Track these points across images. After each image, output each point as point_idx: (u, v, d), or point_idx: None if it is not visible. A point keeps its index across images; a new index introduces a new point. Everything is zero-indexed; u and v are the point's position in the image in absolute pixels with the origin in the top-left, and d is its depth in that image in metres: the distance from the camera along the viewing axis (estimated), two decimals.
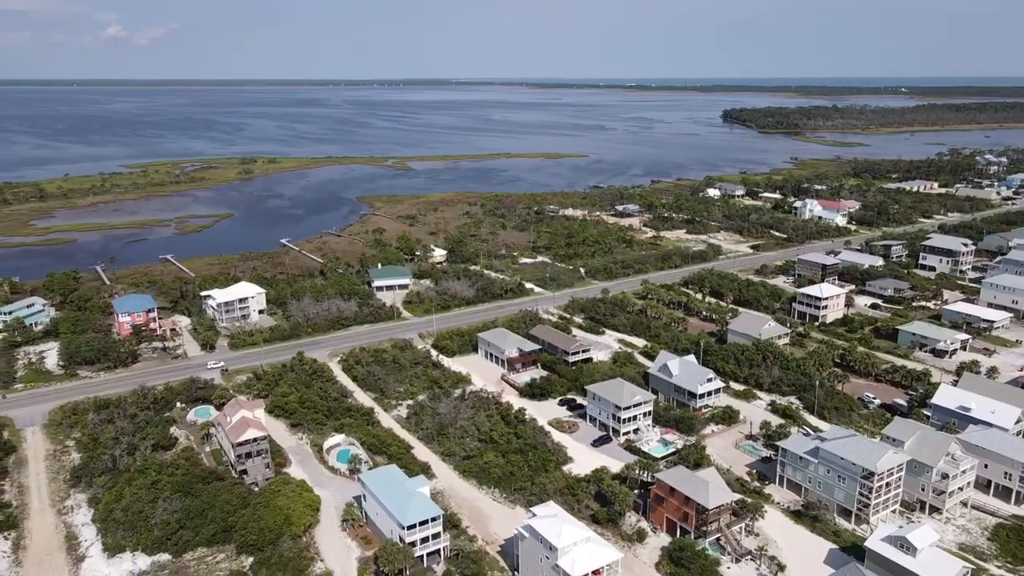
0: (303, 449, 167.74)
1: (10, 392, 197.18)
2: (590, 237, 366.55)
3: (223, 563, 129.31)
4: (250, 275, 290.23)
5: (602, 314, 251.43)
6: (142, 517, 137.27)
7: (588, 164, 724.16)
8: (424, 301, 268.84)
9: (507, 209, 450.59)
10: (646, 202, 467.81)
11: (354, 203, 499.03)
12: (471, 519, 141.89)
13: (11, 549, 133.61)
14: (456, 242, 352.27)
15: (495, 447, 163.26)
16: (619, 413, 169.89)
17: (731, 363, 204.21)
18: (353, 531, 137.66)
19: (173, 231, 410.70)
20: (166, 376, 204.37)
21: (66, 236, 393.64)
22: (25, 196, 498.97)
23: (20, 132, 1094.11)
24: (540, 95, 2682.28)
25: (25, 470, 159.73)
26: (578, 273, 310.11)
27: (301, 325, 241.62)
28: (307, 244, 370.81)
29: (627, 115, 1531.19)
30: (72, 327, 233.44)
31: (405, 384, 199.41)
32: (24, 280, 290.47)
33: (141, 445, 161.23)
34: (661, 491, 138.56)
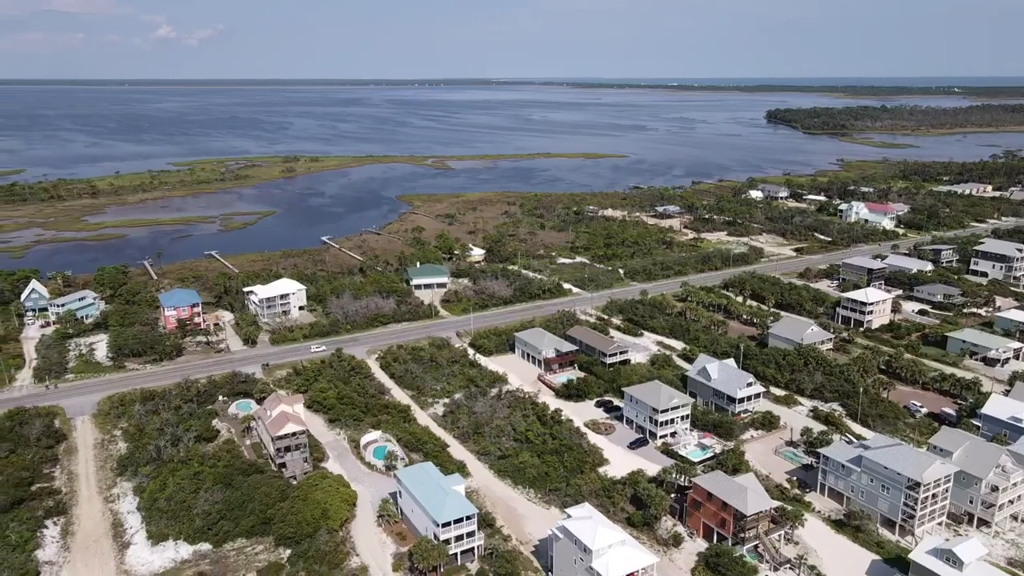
0: (340, 444, 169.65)
1: (62, 382, 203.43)
2: (629, 238, 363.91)
3: (262, 554, 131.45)
4: (291, 272, 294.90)
5: (640, 316, 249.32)
6: (184, 507, 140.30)
7: (628, 164, 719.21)
8: (462, 300, 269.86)
9: (546, 209, 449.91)
10: (687, 203, 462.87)
11: (394, 202, 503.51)
12: (505, 518, 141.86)
13: (60, 535, 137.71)
14: (494, 241, 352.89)
15: (530, 447, 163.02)
16: (656, 416, 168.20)
17: (772, 368, 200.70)
18: (388, 527, 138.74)
19: (218, 228, 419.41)
20: (209, 370, 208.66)
21: (116, 232, 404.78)
22: (78, 193, 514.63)
23: (74, 131, 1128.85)
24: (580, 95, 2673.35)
25: (75, 458, 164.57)
26: (617, 274, 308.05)
27: (340, 322, 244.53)
28: (347, 242, 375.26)
29: (669, 115, 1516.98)
30: (121, 320, 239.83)
31: (442, 382, 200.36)
32: (76, 274, 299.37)
33: (184, 436, 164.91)
34: (698, 496, 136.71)
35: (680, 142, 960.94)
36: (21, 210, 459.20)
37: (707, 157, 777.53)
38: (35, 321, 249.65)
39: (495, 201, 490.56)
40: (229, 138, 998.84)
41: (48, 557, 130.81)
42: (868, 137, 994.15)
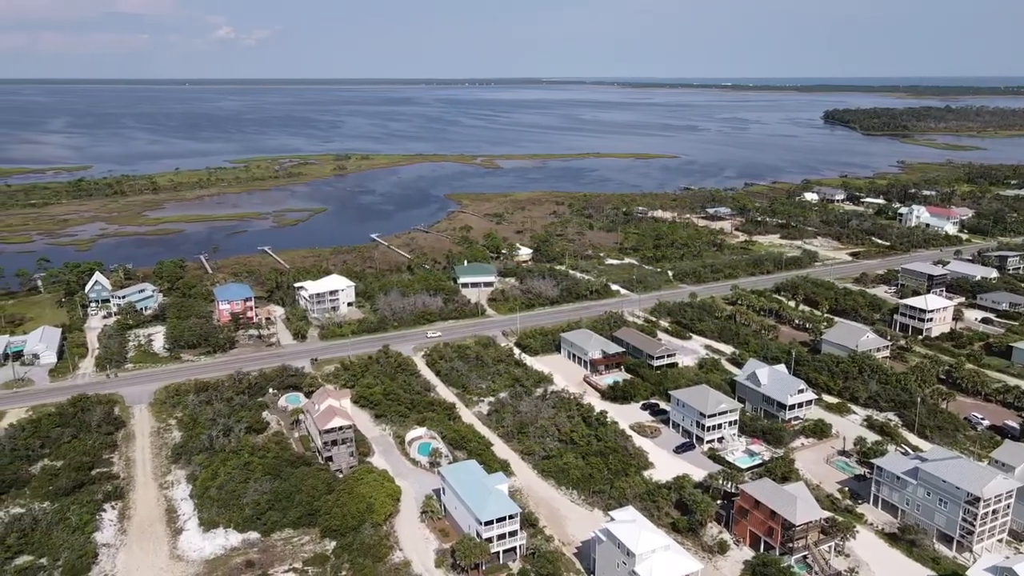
0: (386, 440, 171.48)
1: (121, 371, 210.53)
2: (679, 239, 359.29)
3: (308, 545, 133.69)
4: (341, 268, 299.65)
5: (689, 318, 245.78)
6: (235, 496, 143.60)
7: (679, 165, 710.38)
8: (508, 299, 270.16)
9: (595, 209, 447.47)
10: (739, 205, 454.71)
11: (442, 200, 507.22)
12: (548, 519, 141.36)
13: (117, 518, 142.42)
14: (542, 241, 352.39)
15: (575, 448, 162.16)
16: (703, 420, 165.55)
17: (824, 375, 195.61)
18: (432, 523, 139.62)
19: (271, 224, 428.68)
20: (260, 363, 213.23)
21: (175, 227, 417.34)
22: (140, 189, 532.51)
23: (137, 128, 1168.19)
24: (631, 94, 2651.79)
25: (132, 445, 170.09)
26: (665, 276, 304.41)
27: (388, 319, 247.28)
28: (396, 240, 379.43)
29: (722, 115, 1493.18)
30: (177, 313, 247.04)
31: (487, 381, 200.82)
32: (137, 267, 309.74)
33: (236, 427, 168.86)
34: (746, 503, 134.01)
35: (733, 143, 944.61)
36: (87, 205, 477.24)
37: (760, 158, 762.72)
38: (98, 312, 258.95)
39: (544, 201, 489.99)
40: (283, 136, 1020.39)
41: (106, 539, 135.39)
42: (931, 138, 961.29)
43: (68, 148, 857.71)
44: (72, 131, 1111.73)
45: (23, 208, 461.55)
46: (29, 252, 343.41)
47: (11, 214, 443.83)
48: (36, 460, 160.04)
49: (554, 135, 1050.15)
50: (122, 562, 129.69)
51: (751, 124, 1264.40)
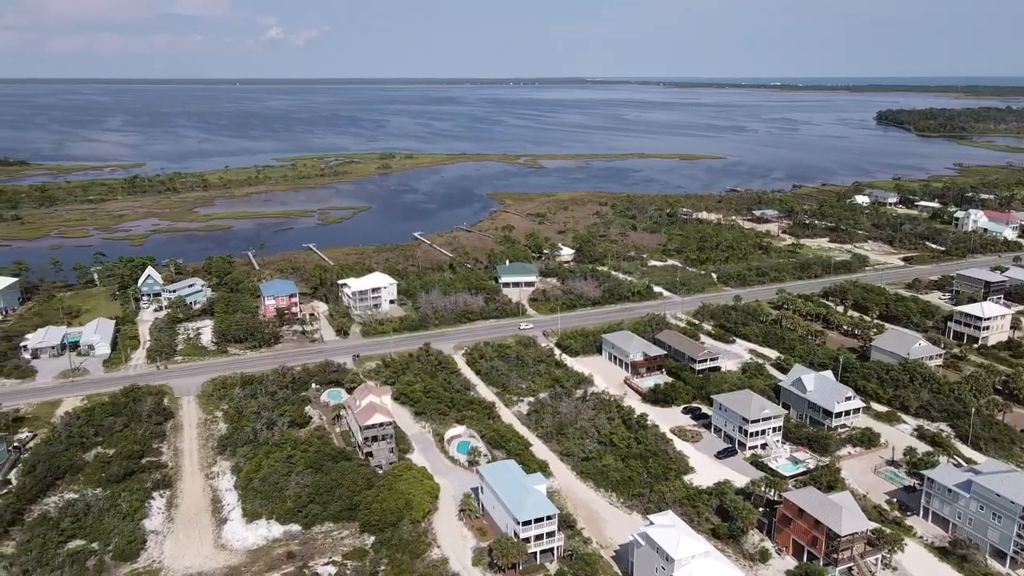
0: (425, 437, 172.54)
1: (171, 363, 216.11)
2: (724, 242, 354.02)
3: (347, 539, 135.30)
4: (383, 266, 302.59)
5: (733, 322, 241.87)
6: (277, 488, 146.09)
7: (725, 166, 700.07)
8: (550, 299, 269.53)
9: (638, 210, 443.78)
10: (786, 207, 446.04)
11: (485, 199, 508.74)
12: (586, 521, 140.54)
13: (165, 506, 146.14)
14: (585, 242, 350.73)
15: (614, 451, 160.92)
16: (746, 426, 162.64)
17: (873, 382, 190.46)
18: (469, 521, 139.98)
19: (316, 221, 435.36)
20: (304, 358, 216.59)
21: (223, 223, 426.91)
22: (191, 186, 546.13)
23: (190, 127, 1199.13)
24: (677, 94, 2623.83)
25: (180, 435, 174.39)
26: (709, 278, 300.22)
27: (429, 317, 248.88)
28: (438, 238, 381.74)
29: (770, 116, 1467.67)
30: (225, 307, 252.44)
31: (527, 381, 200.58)
32: (187, 262, 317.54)
33: (279, 421, 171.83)
34: (789, 511, 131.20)
35: (781, 144, 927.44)
36: (141, 201, 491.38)
37: (810, 160, 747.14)
38: (149, 305, 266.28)
39: (586, 201, 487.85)
40: (329, 135, 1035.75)
41: (154, 527, 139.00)
42: (990, 140, 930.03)
43: (124, 146, 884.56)
44: (128, 130, 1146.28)
45: (81, 204, 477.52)
46: (86, 246, 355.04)
47: (70, 209, 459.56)
48: (90, 448, 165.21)
49: (598, 135, 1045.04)
50: (169, 549, 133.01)
51: (801, 125, 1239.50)
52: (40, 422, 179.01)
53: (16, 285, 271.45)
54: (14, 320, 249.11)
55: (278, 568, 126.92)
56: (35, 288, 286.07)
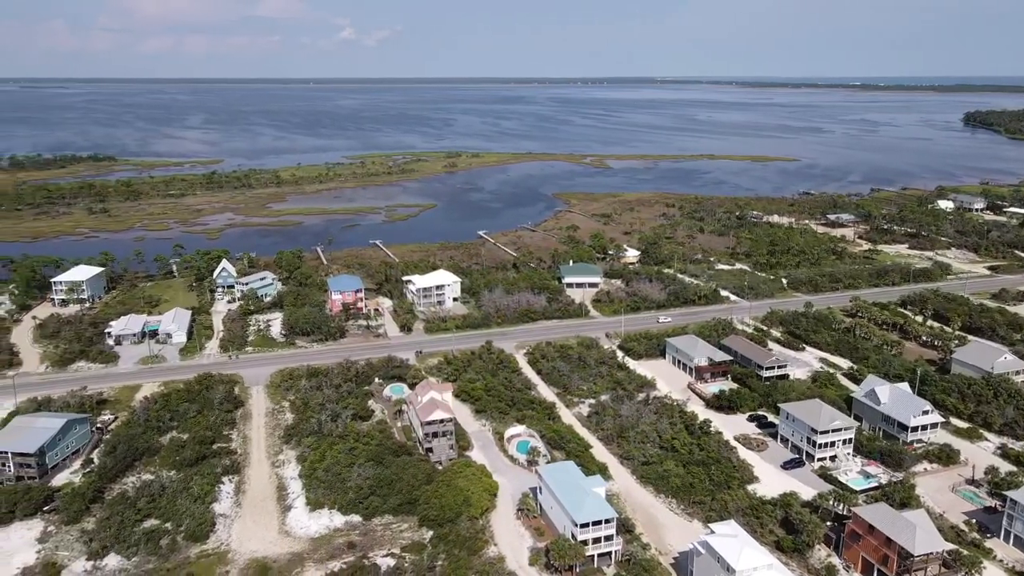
0: (485, 435, 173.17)
1: (242, 354, 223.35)
2: (796, 246, 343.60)
3: (406, 532, 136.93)
4: (448, 264, 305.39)
5: (803, 329, 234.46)
6: (340, 479, 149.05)
7: (799, 169, 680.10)
8: (613, 301, 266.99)
9: (706, 212, 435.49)
10: (863, 211, 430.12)
11: (550, 199, 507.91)
12: (645, 526, 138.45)
13: (234, 491, 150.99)
14: (650, 243, 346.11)
15: (676, 456, 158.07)
16: (815, 437, 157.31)
17: (954, 396, 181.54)
18: (527, 520, 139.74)
19: (383, 218, 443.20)
20: (368, 353, 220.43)
21: (294, 219, 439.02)
22: (265, 182, 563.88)
23: (264, 125, 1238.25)
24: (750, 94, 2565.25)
25: (250, 423, 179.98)
26: (779, 283, 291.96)
27: (492, 315, 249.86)
28: (502, 237, 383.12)
29: (848, 117, 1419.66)
30: (294, 301, 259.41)
31: (589, 382, 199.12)
32: (259, 256, 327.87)
33: (343, 413, 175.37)
34: (858, 527, 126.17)
35: (859, 146, 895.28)
36: (218, 196, 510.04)
37: (890, 163, 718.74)
38: (223, 297, 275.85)
39: (653, 202, 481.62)
40: (398, 133, 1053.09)
41: (223, 510, 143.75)
42: None
43: (204, 143, 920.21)
44: (208, 128, 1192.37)
45: (163, 198, 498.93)
46: (167, 239, 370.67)
47: (153, 203, 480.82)
48: (165, 432, 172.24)
49: (666, 135, 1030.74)
50: (236, 532, 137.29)
51: (881, 126, 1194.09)
52: (121, 405, 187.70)
53: (103, 274, 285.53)
54: (100, 308, 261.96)
55: (339, 557, 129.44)
56: (119, 278, 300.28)
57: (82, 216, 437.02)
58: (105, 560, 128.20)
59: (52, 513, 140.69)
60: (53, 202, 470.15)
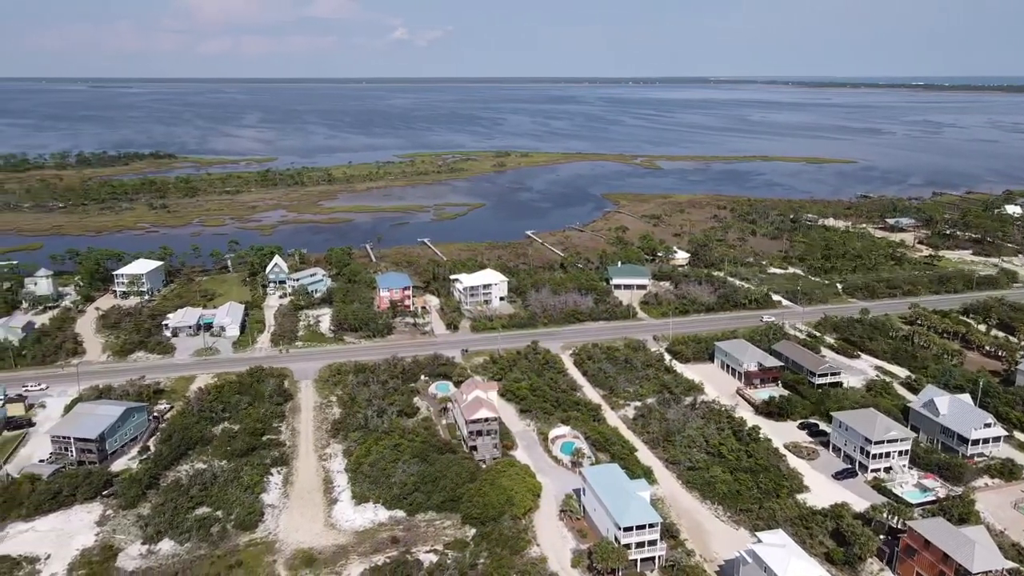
0: (529, 435, 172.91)
1: (292, 348, 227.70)
2: (852, 250, 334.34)
3: (449, 530, 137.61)
4: (495, 263, 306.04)
5: (858, 336, 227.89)
6: (384, 474, 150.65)
7: (856, 171, 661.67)
8: (661, 303, 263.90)
9: (759, 215, 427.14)
10: (924, 216, 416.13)
11: (599, 199, 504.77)
12: (690, 532, 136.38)
13: (282, 483, 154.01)
14: (701, 245, 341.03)
15: (723, 462, 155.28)
16: (869, 447, 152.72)
17: (1018, 409, 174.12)
18: (570, 522, 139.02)
19: (431, 217, 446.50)
20: (414, 350, 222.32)
21: (345, 216, 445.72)
22: (317, 180, 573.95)
23: (317, 124, 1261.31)
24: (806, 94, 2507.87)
25: (298, 417, 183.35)
26: (834, 289, 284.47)
27: (538, 315, 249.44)
28: (550, 237, 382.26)
29: (909, 118, 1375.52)
30: (343, 297, 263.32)
31: (635, 385, 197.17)
32: (310, 252, 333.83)
33: (389, 409, 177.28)
34: (914, 542, 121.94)
35: (921, 148, 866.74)
36: (272, 193, 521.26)
37: (953, 166, 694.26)
38: (275, 292, 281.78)
39: (704, 204, 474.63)
40: (447, 133, 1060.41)
41: (271, 501, 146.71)
42: None
43: (259, 142, 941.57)
44: (263, 126, 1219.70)
45: (220, 195, 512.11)
46: (222, 235, 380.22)
47: (210, 200, 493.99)
48: (218, 422, 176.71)
49: (719, 136, 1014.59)
50: (284, 523, 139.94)
51: (944, 127, 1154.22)
52: (176, 395, 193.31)
53: (162, 268, 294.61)
54: (158, 300, 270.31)
55: (382, 551, 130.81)
56: (177, 271, 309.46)
57: (143, 211, 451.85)
58: (159, 545, 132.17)
59: (110, 497, 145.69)
60: (117, 198, 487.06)
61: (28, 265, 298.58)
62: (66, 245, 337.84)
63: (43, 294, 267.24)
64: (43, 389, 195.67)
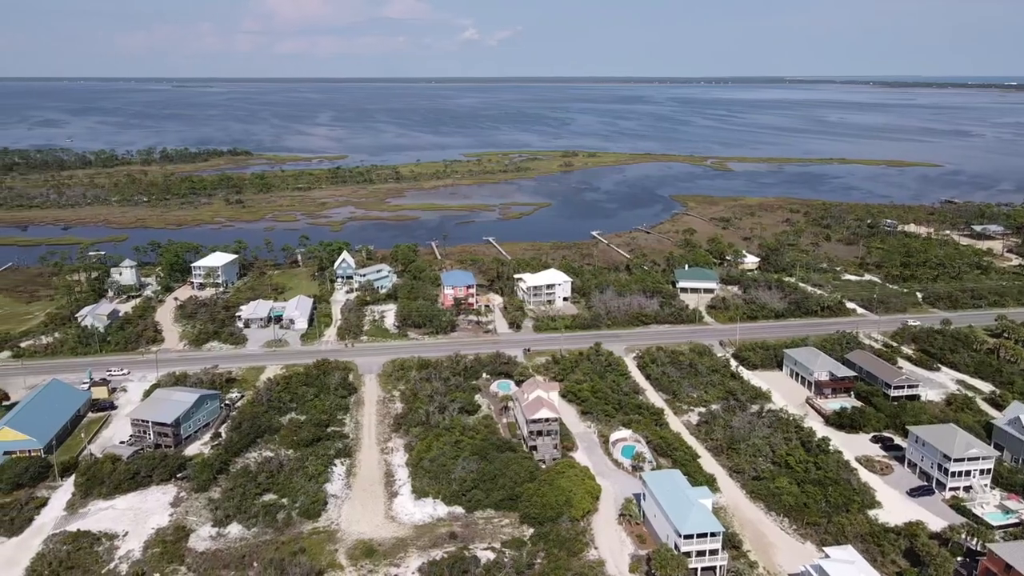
0: (590, 437, 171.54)
1: (358, 342, 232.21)
2: (934, 258, 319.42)
3: (507, 528, 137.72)
4: (559, 263, 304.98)
5: (939, 348, 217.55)
6: (444, 470, 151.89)
7: (941, 175, 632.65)
8: (729, 308, 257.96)
9: (834, 219, 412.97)
10: (1015, 223, 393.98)
11: (667, 201, 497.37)
12: (754, 544, 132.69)
13: (345, 474, 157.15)
14: (771, 250, 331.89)
15: (790, 473, 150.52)
16: (948, 464, 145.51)
17: None
18: (629, 526, 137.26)
19: (497, 216, 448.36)
20: (477, 348, 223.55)
21: (412, 214, 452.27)
22: (385, 177, 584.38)
23: (387, 123, 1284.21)
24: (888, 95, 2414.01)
25: (362, 410, 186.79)
26: (913, 297, 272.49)
27: (602, 317, 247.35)
28: (616, 238, 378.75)
29: (1002, 119, 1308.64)
30: (408, 293, 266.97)
31: (699, 390, 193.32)
32: (377, 248, 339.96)
33: (450, 406, 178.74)
34: (994, 566, 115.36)
35: (1012, 151, 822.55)
36: (341, 190, 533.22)
37: None
38: (343, 287, 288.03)
39: (776, 207, 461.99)
40: (515, 132, 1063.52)
41: (334, 491, 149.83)
42: None
43: (330, 140, 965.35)
44: (335, 125, 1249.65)
45: (292, 191, 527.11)
46: (294, 230, 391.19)
47: (283, 196, 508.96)
48: (285, 412, 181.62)
49: (793, 138, 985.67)
50: (346, 513, 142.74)
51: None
52: (247, 385, 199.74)
53: (236, 261, 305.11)
54: (232, 292, 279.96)
55: (440, 546, 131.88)
56: (250, 265, 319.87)
57: (220, 206, 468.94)
58: (228, 528, 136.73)
59: (184, 480, 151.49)
60: (196, 193, 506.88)
61: (114, 256, 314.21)
62: (149, 237, 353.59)
63: (127, 284, 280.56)
64: (125, 374, 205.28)
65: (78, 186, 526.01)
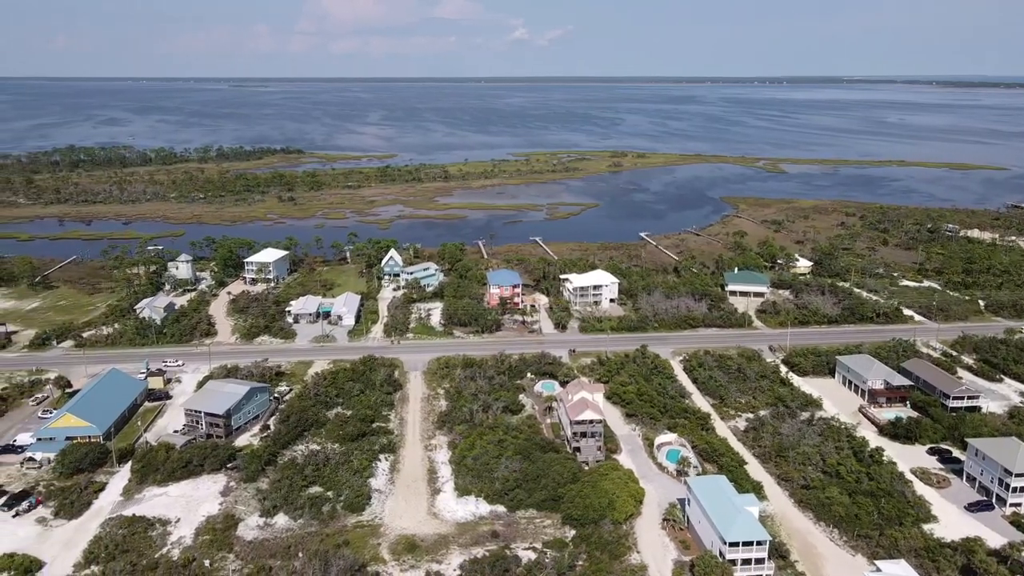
0: (634, 440, 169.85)
1: (404, 339, 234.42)
2: (999, 265, 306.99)
3: (548, 528, 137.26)
4: (607, 264, 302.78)
5: (1002, 358, 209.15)
6: (487, 469, 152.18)
7: (1008, 178, 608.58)
8: (780, 312, 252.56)
9: (891, 223, 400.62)
10: None
11: (717, 203, 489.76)
12: (801, 554, 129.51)
13: (389, 469, 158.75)
14: (825, 254, 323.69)
15: (840, 483, 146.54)
16: (1009, 479, 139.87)
17: None
18: (672, 531, 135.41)
19: (544, 216, 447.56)
20: (522, 347, 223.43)
21: (459, 213, 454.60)
22: (433, 176, 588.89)
23: (436, 122, 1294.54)
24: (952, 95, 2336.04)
25: (407, 407, 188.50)
26: (975, 305, 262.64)
27: (648, 319, 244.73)
28: (664, 240, 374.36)
29: None
30: (454, 292, 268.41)
31: (747, 396, 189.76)
32: (424, 246, 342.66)
33: (494, 405, 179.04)
34: None
35: None
36: (390, 189, 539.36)
37: None
38: (390, 284, 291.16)
39: (831, 210, 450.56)
40: (563, 132, 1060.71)
41: (378, 486, 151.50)
42: None
43: (380, 138, 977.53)
44: (385, 124, 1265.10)
45: (342, 189, 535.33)
46: (343, 227, 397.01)
47: (333, 193, 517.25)
48: (332, 407, 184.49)
49: (849, 139, 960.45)
50: (389, 508, 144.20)
51: None
52: (295, 379, 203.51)
53: (287, 258, 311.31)
54: (283, 288, 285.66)
55: (482, 544, 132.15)
56: (300, 261, 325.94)
57: (273, 203, 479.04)
58: (275, 518, 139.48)
59: (234, 470, 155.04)
60: (250, 190, 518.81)
61: (171, 251, 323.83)
62: (204, 233, 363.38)
63: (183, 278, 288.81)
64: (180, 365, 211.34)
65: (139, 183, 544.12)
